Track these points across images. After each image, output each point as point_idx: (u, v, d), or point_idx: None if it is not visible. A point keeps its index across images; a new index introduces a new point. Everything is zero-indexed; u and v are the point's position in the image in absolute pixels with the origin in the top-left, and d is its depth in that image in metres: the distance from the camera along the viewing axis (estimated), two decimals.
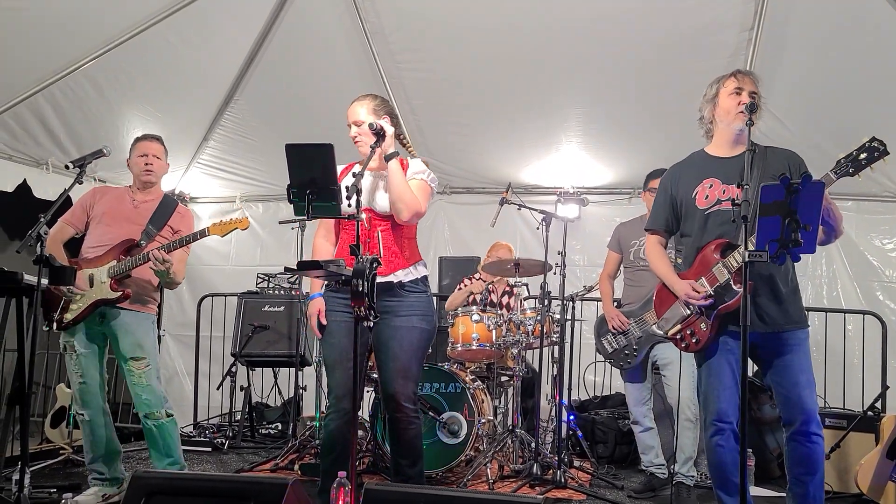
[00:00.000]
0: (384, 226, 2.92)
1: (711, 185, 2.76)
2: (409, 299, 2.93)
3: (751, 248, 2.38)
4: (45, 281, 2.89)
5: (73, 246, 3.59)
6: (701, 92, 2.88)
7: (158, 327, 4.13)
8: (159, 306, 3.85)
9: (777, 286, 2.66)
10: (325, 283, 3.00)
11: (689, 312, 2.77)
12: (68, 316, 3.34)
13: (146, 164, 3.53)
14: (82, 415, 3.43)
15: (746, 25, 4.31)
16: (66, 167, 3.30)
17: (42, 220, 2.92)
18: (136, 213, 3.50)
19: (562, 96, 5.07)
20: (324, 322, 2.93)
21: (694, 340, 2.75)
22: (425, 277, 3.02)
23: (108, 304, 3.34)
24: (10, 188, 4.83)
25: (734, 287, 2.62)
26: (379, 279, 2.81)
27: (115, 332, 3.39)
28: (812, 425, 2.60)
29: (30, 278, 2.96)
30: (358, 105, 2.96)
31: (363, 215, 2.61)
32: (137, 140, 3.62)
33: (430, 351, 3.05)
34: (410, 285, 2.94)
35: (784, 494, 3.67)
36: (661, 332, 2.95)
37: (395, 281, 2.90)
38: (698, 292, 2.67)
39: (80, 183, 3.28)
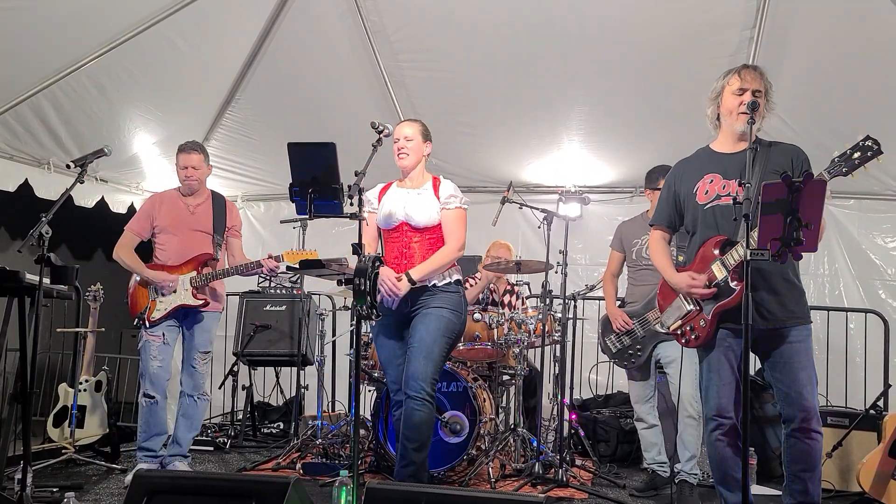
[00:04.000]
0: (419, 238, 3.24)
1: (712, 181, 2.77)
2: (440, 295, 3.24)
3: (752, 245, 2.38)
4: (46, 280, 2.89)
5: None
6: (702, 90, 2.88)
7: None
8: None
9: (776, 282, 2.66)
10: None
11: (689, 308, 2.79)
12: (155, 315, 3.91)
13: (186, 176, 4.05)
14: (152, 397, 3.89)
15: (748, 24, 4.30)
16: (68, 167, 3.33)
17: (43, 219, 2.93)
18: (194, 220, 4.06)
19: (563, 95, 5.06)
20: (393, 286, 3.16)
21: (693, 336, 2.78)
22: (458, 280, 3.33)
23: (189, 308, 3.94)
24: (11, 188, 4.83)
25: (731, 284, 2.63)
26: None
27: (193, 329, 3.99)
28: (812, 422, 2.60)
29: (31, 278, 2.97)
30: (408, 124, 3.41)
31: (365, 214, 2.62)
32: (179, 151, 4.10)
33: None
34: (444, 286, 3.26)
35: None
36: (663, 328, 2.97)
37: (430, 284, 3.22)
38: (698, 282, 2.69)
39: (82, 182, 3.30)
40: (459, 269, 3.37)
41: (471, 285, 4.97)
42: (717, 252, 2.68)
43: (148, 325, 3.91)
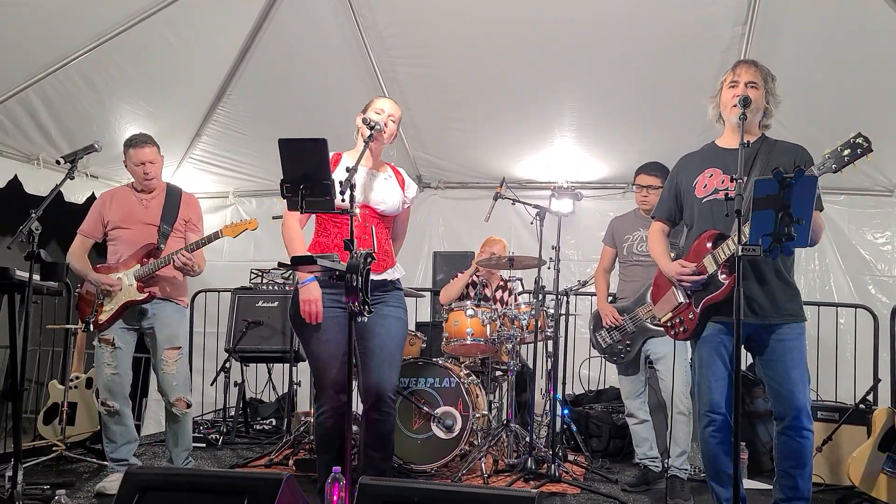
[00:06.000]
0: (377, 223, 3.02)
1: (712, 175, 2.79)
2: (395, 293, 3.07)
3: (743, 241, 2.39)
4: (36, 277, 2.88)
5: (99, 250, 3.85)
6: (695, 85, 2.90)
7: None
8: None
9: (766, 277, 2.67)
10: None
11: (680, 300, 2.81)
12: (102, 317, 3.64)
13: (145, 172, 3.75)
14: (111, 406, 3.64)
15: (740, 20, 4.31)
16: (58, 162, 3.29)
17: (33, 215, 2.91)
18: (147, 213, 3.76)
19: (556, 91, 5.06)
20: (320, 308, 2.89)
21: (682, 329, 2.82)
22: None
23: (136, 304, 3.65)
24: (0, 184, 4.79)
25: (720, 278, 2.65)
26: (374, 277, 2.91)
27: (154, 326, 3.69)
28: (803, 420, 2.62)
29: (21, 274, 2.95)
30: (396, 106, 3.20)
31: (357, 210, 2.61)
32: (129, 145, 3.75)
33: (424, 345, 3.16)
34: (397, 282, 3.10)
35: None
36: (656, 319, 3.03)
37: (389, 279, 3.04)
38: (686, 269, 2.72)
39: (72, 178, 3.28)
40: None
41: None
42: (709, 246, 2.69)
43: (94, 329, 3.65)
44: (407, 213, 3.26)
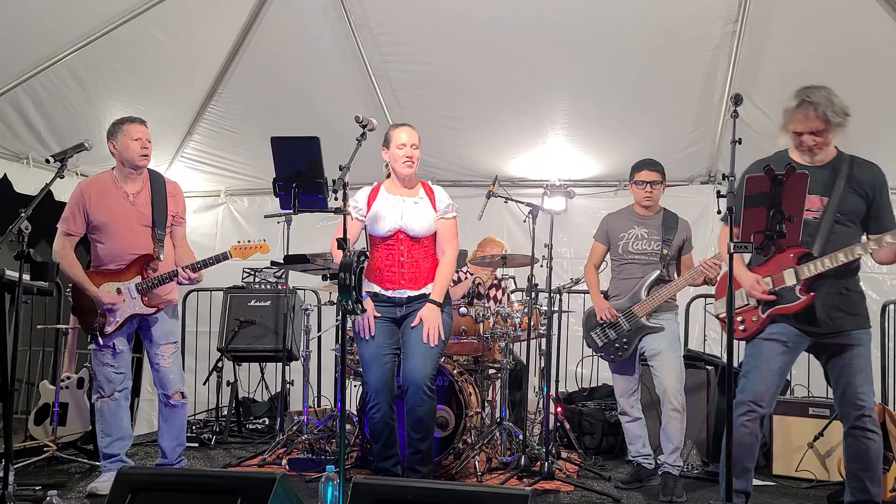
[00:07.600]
0: (416, 246, 3.29)
1: None
2: None
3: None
4: (26, 276, 2.86)
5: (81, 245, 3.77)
6: (686, 83, 2.91)
7: None
8: None
9: (832, 289, 2.78)
10: None
11: (745, 303, 2.90)
12: (108, 329, 3.60)
13: (143, 147, 3.61)
14: (110, 397, 3.63)
15: (731, 18, 4.32)
16: (47, 161, 3.27)
17: (23, 214, 2.90)
18: (136, 213, 3.63)
19: (548, 89, 5.06)
20: (372, 321, 3.23)
21: (742, 328, 2.90)
22: None
23: (142, 316, 3.64)
24: None
25: (797, 292, 2.75)
26: (410, 293, 3.30)
27: (149, 324, 3.69)
28: (867, 422, 2.72)
29: (11, 274, 2.93)
30: (414, 131, 3.35)
31: (350, 208, 2.61)
32: (124, 122, 3.63)
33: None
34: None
35: (767, 483, 3.75)
36: (715, 312, 3.20)
37: (427, 293, 3.31)
38: (760, 286, 2.82)
39: (62, 177, 3.26)
40: None
41: (455, 281, 4.96)
42: (793, 260, 2.78)
43: (102, 341, 3.58)
44: (446, 225, 3.38)
